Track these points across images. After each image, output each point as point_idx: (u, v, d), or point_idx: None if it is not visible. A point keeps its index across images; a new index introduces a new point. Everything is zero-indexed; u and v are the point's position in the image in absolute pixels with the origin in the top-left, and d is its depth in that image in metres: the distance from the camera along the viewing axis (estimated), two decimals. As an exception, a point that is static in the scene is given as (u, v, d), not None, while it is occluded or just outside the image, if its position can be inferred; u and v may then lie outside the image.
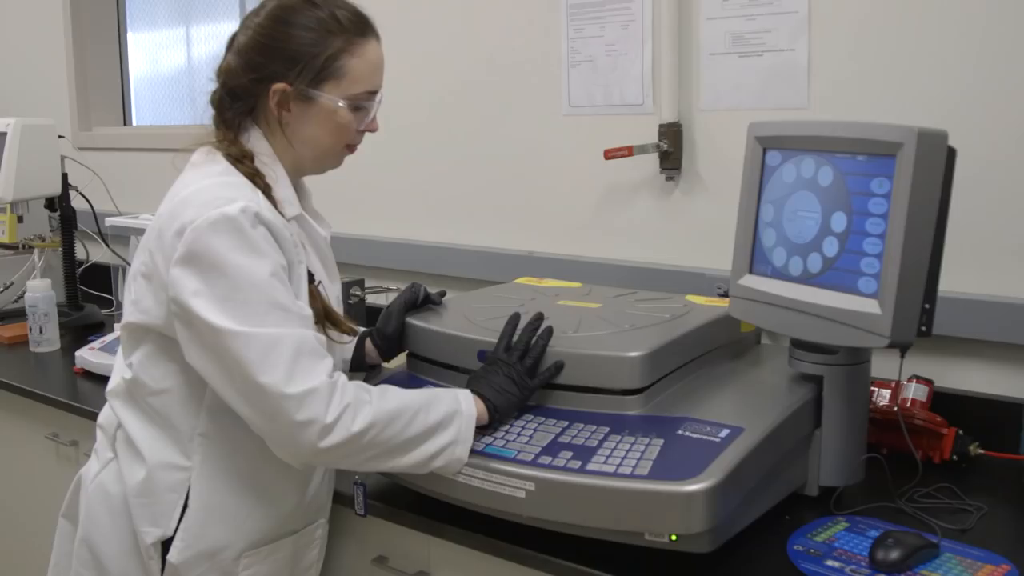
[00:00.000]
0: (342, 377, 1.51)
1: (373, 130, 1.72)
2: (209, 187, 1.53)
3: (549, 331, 1.67)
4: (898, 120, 1.54)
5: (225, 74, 1.64)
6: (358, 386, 1.53)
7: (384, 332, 1.87)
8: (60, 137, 3.18)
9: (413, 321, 1.85)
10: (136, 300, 1.59)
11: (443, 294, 1.96)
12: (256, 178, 1.59)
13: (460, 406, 1.57)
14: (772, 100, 2.14)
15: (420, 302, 1.91)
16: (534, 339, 1.66)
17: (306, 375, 1.45)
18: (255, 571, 1.64)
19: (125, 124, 4.02)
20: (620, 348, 1.63)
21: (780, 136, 1.69)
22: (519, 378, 1.62)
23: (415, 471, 1.56)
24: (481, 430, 1.59)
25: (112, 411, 1.67)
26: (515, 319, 1.71)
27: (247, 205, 1.49)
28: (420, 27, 2.75)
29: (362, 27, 1.66)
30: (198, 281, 1.46)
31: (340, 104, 1.63)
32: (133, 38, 3.99)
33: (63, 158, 3.18)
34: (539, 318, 1.71)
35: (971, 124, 1.86)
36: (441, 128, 2.73)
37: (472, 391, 1.61)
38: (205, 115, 1.68)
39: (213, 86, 1.67)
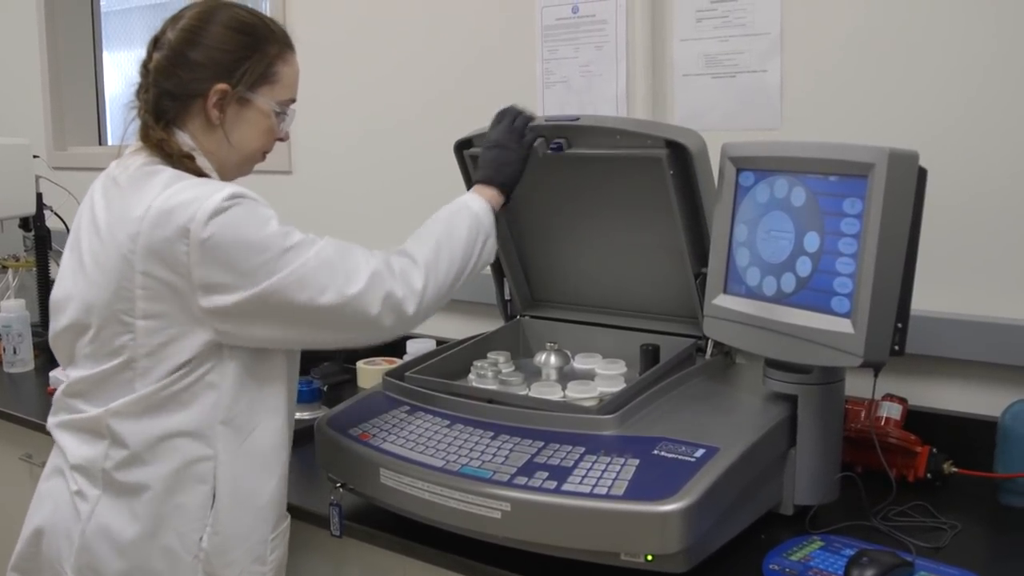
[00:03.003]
0: (379, 253, 1.63)
1: (285, 139, 1.76)
2: (181, 189, 1.53)
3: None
4: (870, 141, 1.55)
5: (156, 73, 1.64)
6: (395, 253, 1.65)
7: None
8: (35, 157, 3.16)
9: None
10: (157, 347, 1.55)
11: None
12: (204, 177, 1.61)
13: (474, 209, 1.73)
14: (745, 121, 2.15)
15: None
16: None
17: (359, 270, 1.56)
18: (278, 554, 1.68)
19: (100, 144, 4.00)
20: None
21: (753, 157, 1.70)
22: (514, 141, 1.83)
23: (467, 283, 1.73)
24: None
25: (91, 444, 1.61)
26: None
27: (232, 190, 1.52)
28: (394, 47, 2.76)
29: (288, 38, 1.72)
30: (226, 270, 1.50)
31: (273, 108, 1.68)
32: (109, 58, 3.98)
33: (38, 178, 3.16)
34: None
35: (942, 144, 1.87)
36: (415, 148, 2.74)
37: (478, 182, 1.80)
38: None
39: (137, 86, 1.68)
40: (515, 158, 1.82)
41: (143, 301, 1.53)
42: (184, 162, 1.60)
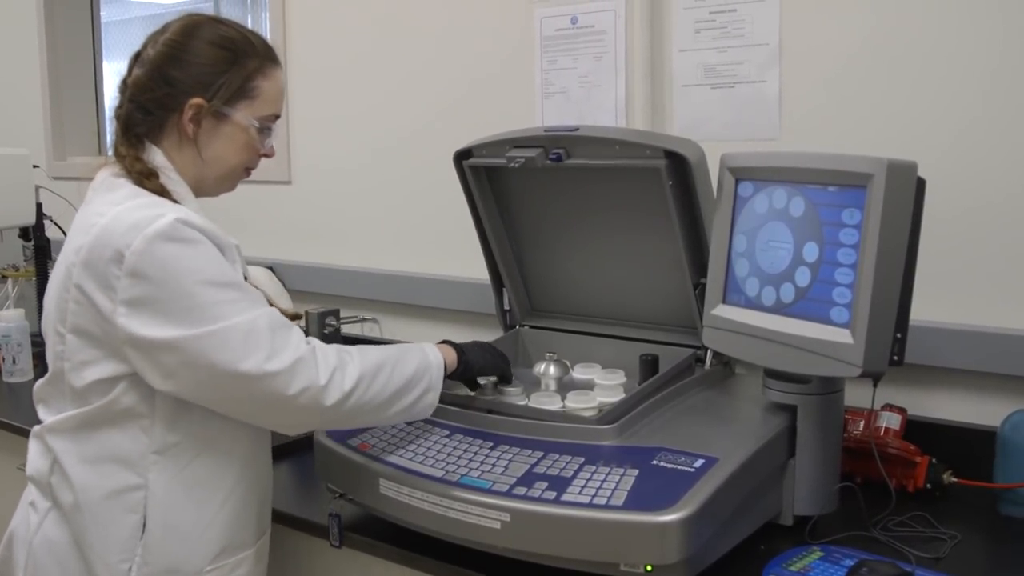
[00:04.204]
0: (316, 341, 1.57)
1: (271, 155, 1.73)
2: (128, 210, 1.51)
3: None
4: (868, 151, 1.56)
5: (134, 88, 1.64)
6: (337, 348, 1.58)
7: None
8: (35, 167, 3.16)
9: None
10: (78, 364, 1.54)
11: None
12: (164, 195, 1.59)
13: (428, 357, 1.68)
14: (744, 131, 2.16)
15: None
16: None
17: (286, 348, 1.50)
18: None
19: (100, 154, 4.01)
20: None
21: (752, 167, 1.70)
22: (503, 360, 1.85)
23: (393, 422, 1.68)
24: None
25: (43, 456, 1.62)
26: None
27: (177, 216, 1.49)
28: (393, 58, 2.76)
29: (271, 52, 1.69)
30: (152, 306, 1.46)
31: (252, 124, 1.65)
32: (109, 68, 3.99)
33: (37, 187, 3.16)
34: None
35: (941, 155, 1.88)
36: (415, 158, 2.74)
37: (452, 344, 1.77)
38: None
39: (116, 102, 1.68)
40: (492, 361, 1.83)
41: (72, 315, 1.53)
42: (143, 181, 1.59)
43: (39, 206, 3.16)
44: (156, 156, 1.63)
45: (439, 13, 2.65)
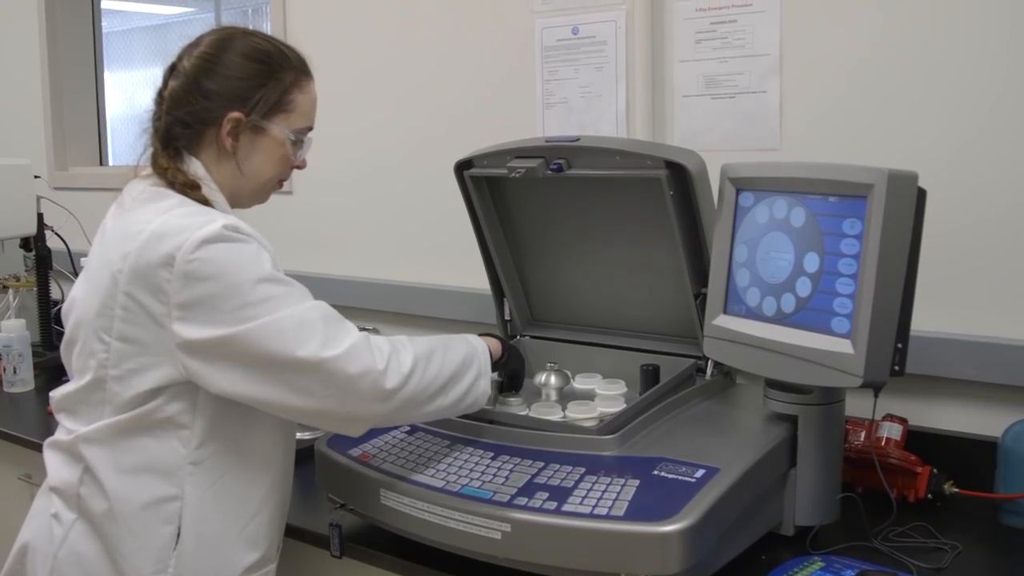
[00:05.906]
0: (369, 335, 1.57)
1: (303, 167, 1.74)
2: (177, 216, 1.52)
3: None
4: (869, 161, 1.56)
5: (171, 100, 1.63)
6: (387, 337, 1.59)
7: None
8: (36, 177, 3.17)
9: None
10: (126, 373, 1.53)
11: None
12: (208, 206, 1.59)
13: (473, 344, 1.70)
14: (744, 141, 2.16)
15: None
16: None
17: (340, 335, 1.51)
18: None
19: (101, 164, 4.01)
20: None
21: (753, 177, 1.70)
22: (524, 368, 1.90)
23: (450, 413, 1.66)
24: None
25: (69, 466, 1.61)
26: None
27: (226, 222, 1.50)
28: (394, 69, 2.77)
29: (305, 65, 1.71)
30: (205, 306, 1.46)
31: (288, 137, 1.66)
32: (110, 78, 3.99)
33: (39, 198, 3.17)
34: None
35: (942, 165, 1.88)
36: (416, 168, 2.74)
37: (495, 337, 1.80)
38: None
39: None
40: (522, 359, 1.91)
41: (121, 322, 1.52)
42: (187, 192, 1.59)
43: (40, 216, 3.17)
44: (197, 168, 1.63)
45: (440, 24, 2.66)
